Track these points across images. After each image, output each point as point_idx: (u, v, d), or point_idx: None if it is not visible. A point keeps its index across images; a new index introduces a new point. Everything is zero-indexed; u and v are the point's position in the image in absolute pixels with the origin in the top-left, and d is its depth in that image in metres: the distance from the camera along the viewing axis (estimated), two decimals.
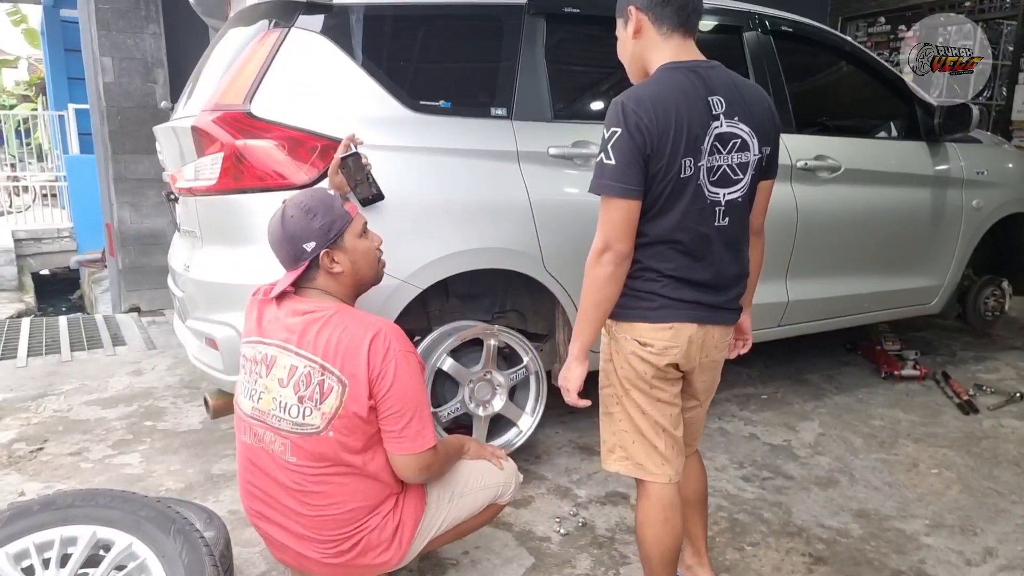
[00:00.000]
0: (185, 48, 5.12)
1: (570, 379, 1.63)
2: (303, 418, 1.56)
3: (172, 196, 2.64)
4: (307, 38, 2.24)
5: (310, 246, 1.62)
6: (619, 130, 1.49)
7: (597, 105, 2.78)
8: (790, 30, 3.12)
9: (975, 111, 3.32)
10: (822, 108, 3.48)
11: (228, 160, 2.12)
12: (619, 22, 1.67)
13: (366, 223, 1.74)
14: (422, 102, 2.35)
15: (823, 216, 3.04)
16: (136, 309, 5.26)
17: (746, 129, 1.58)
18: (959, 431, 3.06)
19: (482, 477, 1.84)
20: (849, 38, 3.47)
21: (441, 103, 2.37)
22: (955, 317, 4.01)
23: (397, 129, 2.29)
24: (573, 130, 2.53)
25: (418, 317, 2.54)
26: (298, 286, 1.67)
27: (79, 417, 3.26)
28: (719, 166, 1.56)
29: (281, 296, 1.67)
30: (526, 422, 2.61)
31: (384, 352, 1.55)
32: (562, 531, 2.30)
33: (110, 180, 5.06)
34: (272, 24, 2.26)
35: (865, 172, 3.18)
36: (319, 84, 2.24)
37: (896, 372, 3.64)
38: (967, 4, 6.91)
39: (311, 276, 1.66)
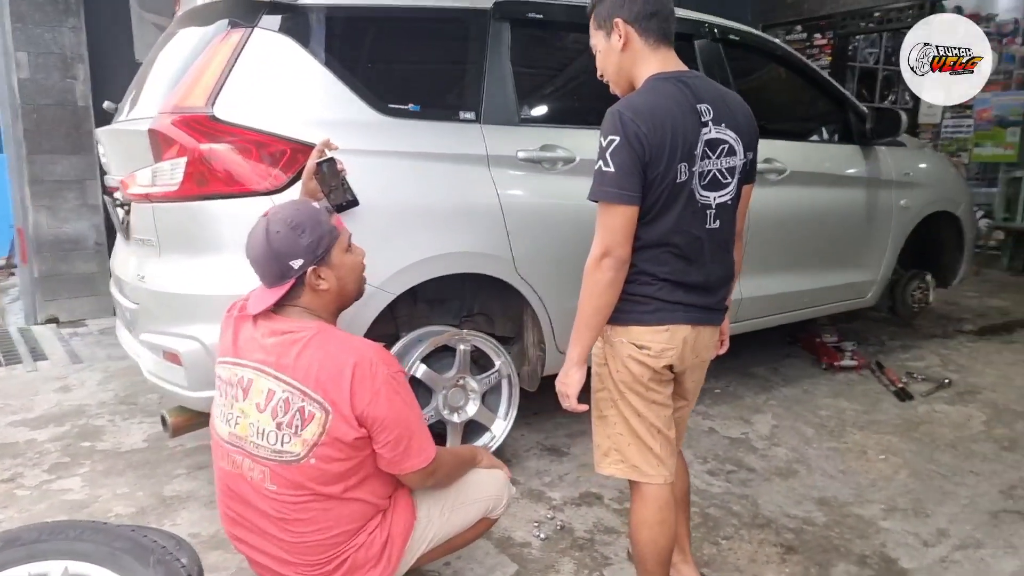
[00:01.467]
0: (107, 42, 4.83)
1: (570, 384, 1.63)
2: (282, 445, 1.49)
3: (118, 202, 2.48)
4: (272, 39, 2.15)
5: (297, 263, 1.54)
6: (617, 138, 1.51)
7: (563, 109, 2.79)
8: (737, 38, 3.24)
9: (903, 116, 3.53)
10: (766, 113, 3.59)
11: (192, 165, 2.01)
12: (599, 34, 1.69)
13: (351, 236, 1.68)
14: (391, 105, 2.30)
15: (772, 216, 3.16)
16: (55, 320, 4.91)
17: (732, 135, 1.64)
18: (898, 418, 3.25)
19: (474, 491, 1.80)
20: (787, 46, 3.61)
21: (410, 106, 2.33)
22: (887, 309, 4.27)
23: (367, 132, 2.24)
24: (540, 134, 2.53)
25: (386, 323, 2.49)
26: (278, 304, 1.58)
27: (6, 440, 3.02)
28: (709, 171, 1.61)
29: (257, 314, 1.59)
30: (499, 426, 2.60)
31: (371, 380, 1.49)
32: (541, 535, 2.30)
33: (24, 182, 4.71)
34: (232, 24, 2.16)
35: (808, 174, 3.33)
36: (286, 87, 2.16)
37: (835, 363, 3.83)
38: (876, 15, 7.36)
39: (295, 294, 1.58)
